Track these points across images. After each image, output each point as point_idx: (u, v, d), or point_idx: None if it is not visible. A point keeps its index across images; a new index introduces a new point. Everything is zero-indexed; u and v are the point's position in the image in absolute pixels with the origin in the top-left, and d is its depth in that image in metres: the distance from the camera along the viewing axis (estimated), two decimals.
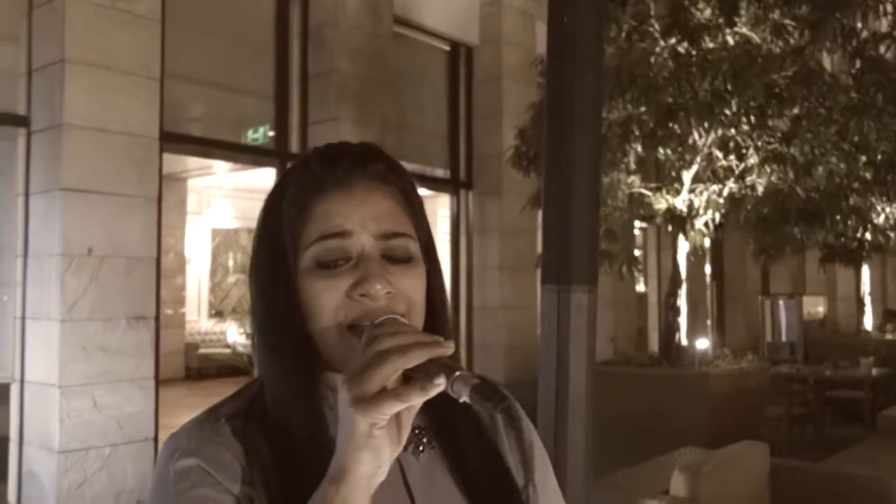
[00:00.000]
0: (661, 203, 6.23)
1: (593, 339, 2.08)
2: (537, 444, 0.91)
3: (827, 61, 5.69)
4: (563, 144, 2.09)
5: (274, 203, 0.81)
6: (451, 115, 7.99)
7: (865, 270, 14.08)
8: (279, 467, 0.74)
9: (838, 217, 7.05)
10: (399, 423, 0.65)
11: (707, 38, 5.44)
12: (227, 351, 11.63)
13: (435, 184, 7.84)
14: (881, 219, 8.05)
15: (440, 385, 0.63)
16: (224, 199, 12.03)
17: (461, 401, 0.64)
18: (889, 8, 6.03)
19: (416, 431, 0.81)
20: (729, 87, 5.24)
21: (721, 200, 6.11)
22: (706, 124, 5.36)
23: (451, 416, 0.81)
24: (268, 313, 0.80)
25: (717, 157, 6.04)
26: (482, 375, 0.92)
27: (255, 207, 0.88)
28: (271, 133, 6.39)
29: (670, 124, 5.41)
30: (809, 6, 5.41)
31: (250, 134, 6.51)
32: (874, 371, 7.88)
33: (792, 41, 5.52)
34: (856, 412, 7.55)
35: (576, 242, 2.02)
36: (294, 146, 6.36)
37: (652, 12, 5.74)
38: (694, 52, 5.45)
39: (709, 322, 9.24)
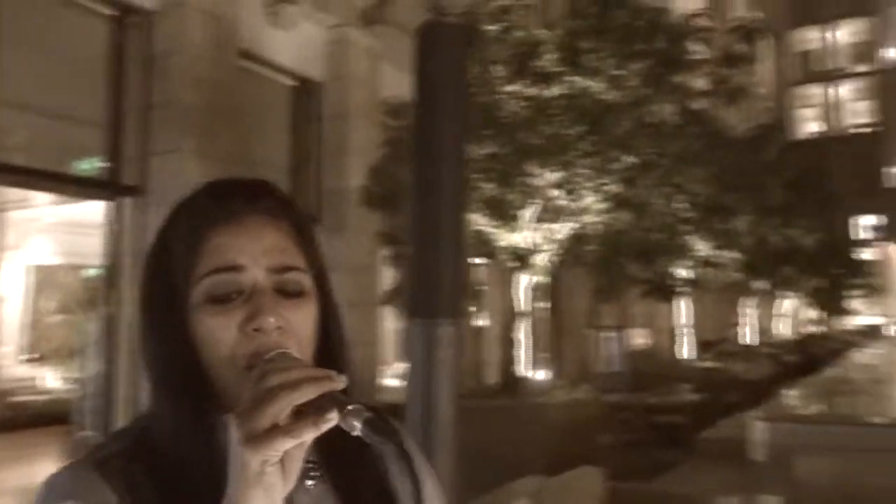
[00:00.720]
0: (503, 240, 6.49)
1: (458, 371, 2.14)
2: (429, 477, 0.91)
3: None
4: (429, 186, 2.15)
5: (163, 238, 0.80)
6: (298, 151, 7.91)
7: (684, 304, 15.34)
8: None
9: (666, 255, 7.67)
10: (291, 459, 0.65)
11: (552, 85, 5.78)
12: (44, 398, 10.65)
13: None
14: (699, 254, 8.83)
15: (332, 420, 0.64)
16: (45, 233, 11.10)
17: (354, 434, 0.65)
18: (707, 69, 6.85)
19: (308, 465, 0.81)
20: (574, 130, 5.61)
21: (558, 238, 6.47)
22: (554, 165, 5.68)
23: (342, 450, 0.81)
24: (158, 350, 0.78)
25: (555, 197, 6.40)
26: (375, 407, 0.93)
27: (81, 243, 0.86)
28: (103, 164, 6.02)
29: (523, 164, 5.67)
30: (648, 62, 5.93)
31: (79, 164, 6.11)
32: (692, 397, 8.57)
33: (631, 93, 5.99)
34: (678, 436, 8.12)
35: (442, 277, 2.08)
36: (130, 178, 6.02)
37: (495, 59, 6.01)
38: (541, 97, 5.78)
39: (546, 354, 9.66)
